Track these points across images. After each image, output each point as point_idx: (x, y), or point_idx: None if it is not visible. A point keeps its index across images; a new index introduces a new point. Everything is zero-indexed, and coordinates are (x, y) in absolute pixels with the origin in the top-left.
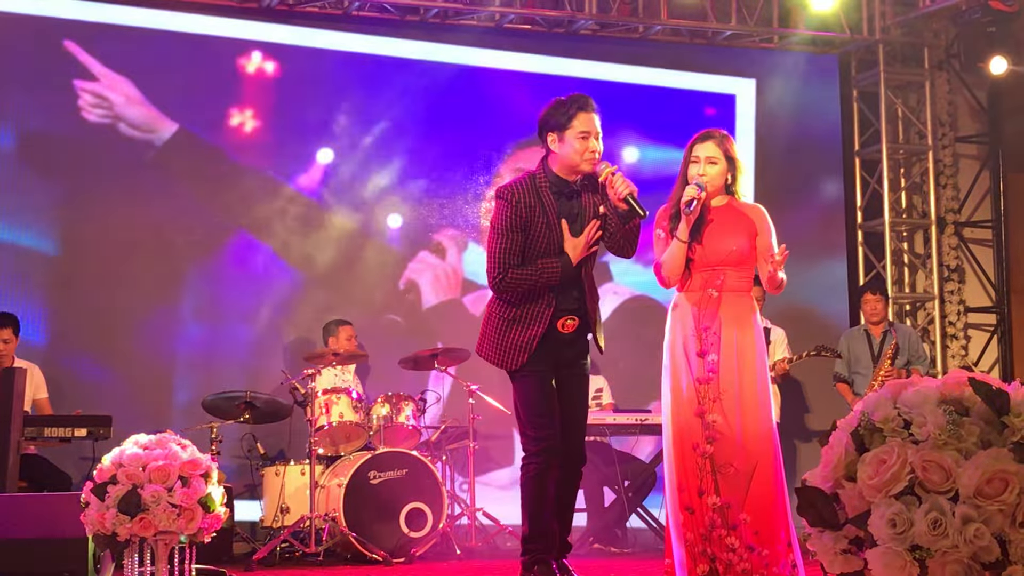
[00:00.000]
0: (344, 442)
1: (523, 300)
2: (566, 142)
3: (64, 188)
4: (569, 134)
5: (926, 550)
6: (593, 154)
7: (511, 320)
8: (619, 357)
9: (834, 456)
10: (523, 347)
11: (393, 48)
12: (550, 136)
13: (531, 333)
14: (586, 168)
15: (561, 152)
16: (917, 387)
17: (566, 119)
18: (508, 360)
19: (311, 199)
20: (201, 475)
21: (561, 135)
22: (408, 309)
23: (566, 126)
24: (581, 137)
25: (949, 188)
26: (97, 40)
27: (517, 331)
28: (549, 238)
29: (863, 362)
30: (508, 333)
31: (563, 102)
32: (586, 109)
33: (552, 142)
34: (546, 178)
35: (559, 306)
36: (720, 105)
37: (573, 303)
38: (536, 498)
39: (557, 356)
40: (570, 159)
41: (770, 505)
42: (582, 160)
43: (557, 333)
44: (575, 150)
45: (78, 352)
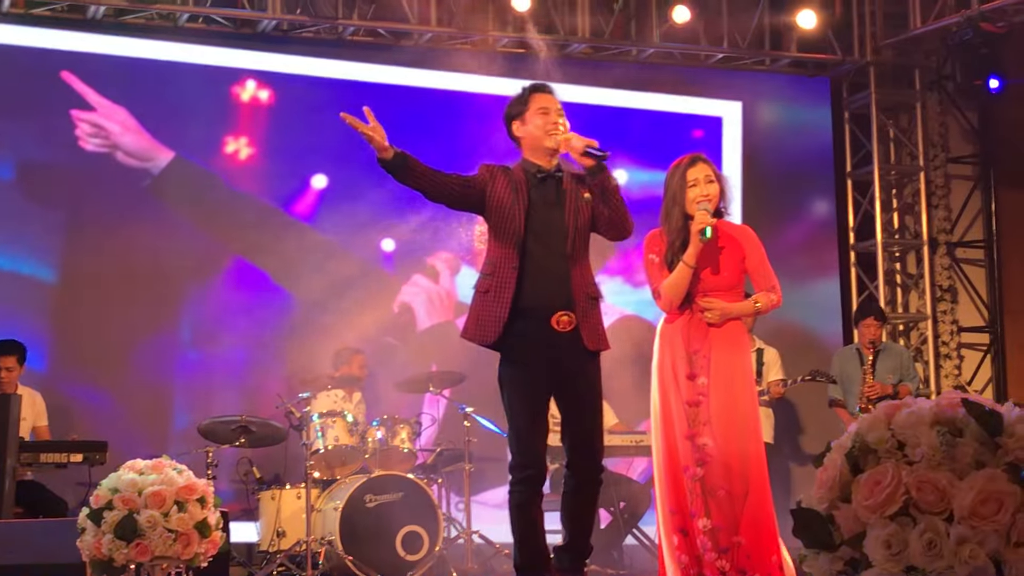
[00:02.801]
0: (340, 466)
1: (492, 269)
2: (528, 122)
3: (62, 216)
4: (529, 114)
5: (921, 571)
6: (555, 126)
7: (485, 291)
8: (610, 376)
9: (829, 478)
10: (497, 318)
11: (385, 75)
12: (514, 124)
13: (503, 299)
14: (551, 144)
15: (526, 134)
16: (911, 408)
17: (523, 103)
18: (484, 332)
19: (306, 224)
20: (197, 500)
21: (522, 118)
22: (402, 332)
23: (525, 107)
24: (541, 113)
25: (941, 208)
26: (93, 70)
27: (490, 301)
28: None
29: (857, 381)
30: (483, 304)
31: (519, 92)
32: (541, 90)
33: (517, 128)
34: (521, 166)
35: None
36: (707, 127)
37: (563, 292)
38: (523, 528)
39: (557, 362)
40: (535, 137)
41: (762, 528)
42: (546, 134)
43: (553, 332)
44: (537, 126)
45: (77, 378)
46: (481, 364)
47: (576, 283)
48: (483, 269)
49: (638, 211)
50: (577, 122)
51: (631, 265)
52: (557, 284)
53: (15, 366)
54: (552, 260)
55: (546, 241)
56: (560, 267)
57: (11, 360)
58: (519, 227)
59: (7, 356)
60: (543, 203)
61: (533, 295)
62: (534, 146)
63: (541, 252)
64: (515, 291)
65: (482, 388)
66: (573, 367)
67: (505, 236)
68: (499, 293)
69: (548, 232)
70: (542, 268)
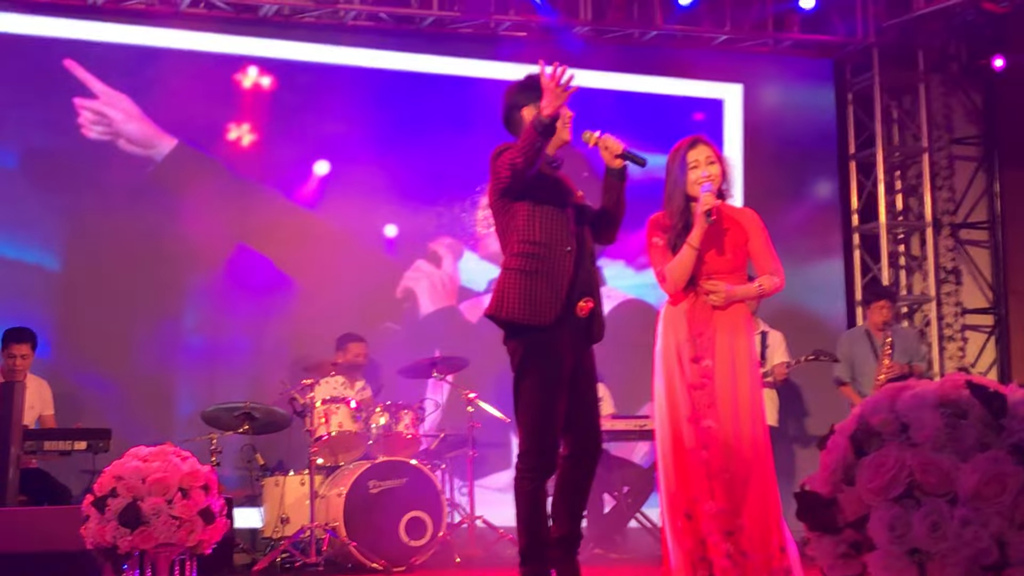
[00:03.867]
0: (343, 452)
1: (543, 251)
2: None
3: (66, 204)
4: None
5: (925, 553)
6: (569, 118)
7: (534, 272)
8: (613, 361)
9: (832, 460)
10: (554, 299)
11: (387, 60)
12: (526, 110)
13: (558, 284)
14: (565, 135)
15: None
16: (914, 390)
17: (536, 92)
18: (540, 313)
19: (308, 210)
20: (201, 487)
21: (537, 105)
22: (405, 317)
23: (539, 97)
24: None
25: (945, 190)
26: (96, 58)
27: (543, 283)
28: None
29: (868, 363)
30: (534, 285)
31: (530, 77)
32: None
33: (529, 115)
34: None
35: (578, 285)
36: (708, 110)
37: (588, 282)
38: (532, 513)
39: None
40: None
41: (765, 510)
42: (563, 127)
43: (575, 318)
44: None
45: (81, 366)
46: (484, 350)
47: (596, 274)
48: (523, 249)
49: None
50: (577, 106)
51: (632, 249)
52: (586, 273)
53: (29, 353)
54: (581, 248)
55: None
56: (587, 256)
57: (25, 348)
58: (570, 211)
59: (21, 344)
60: (565, 192)
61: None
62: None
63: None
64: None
65: (485, 373)
66: (583, 354)
67: (556, 219)
68: (553, 276)
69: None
70: (579, 255)
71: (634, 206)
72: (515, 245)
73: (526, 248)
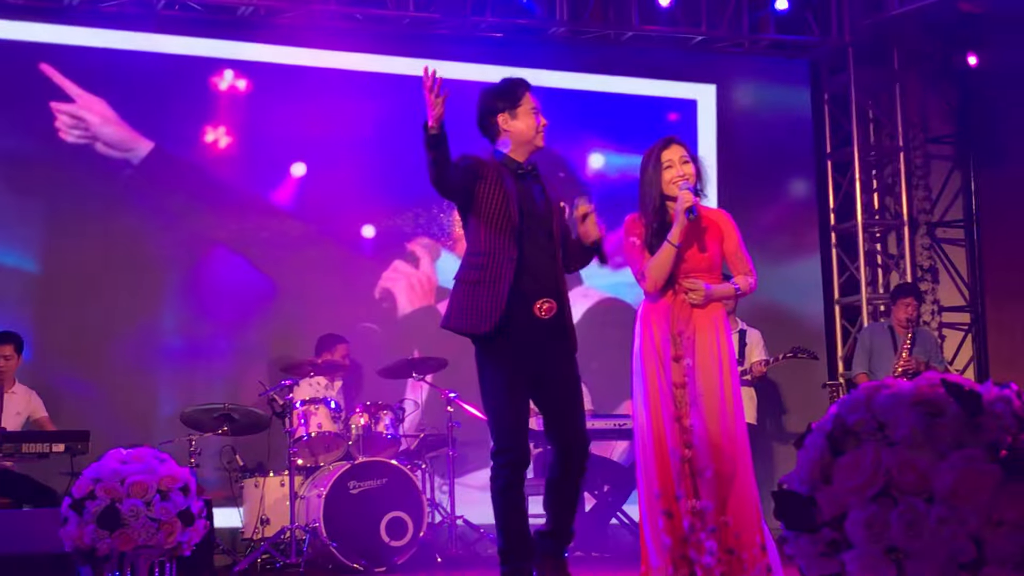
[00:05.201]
0: (323, 452)
1: (485, 260)
2: (519, 118)
3: (44, 208)
4: (521, 110)
5: (903, 551)
6: (543, 128)
7: (476, 282)
8: (590, 359)
9: (810, 459)
10: (493, 308)
11: (363, 63)
12: (501, 117)
13: (499, 290)
14: (539, 142)
15: (514, 129)
16: (891, 389)
17: (515, 97)
18: (479, 322)
19: (286, 212)
20: (180, 489)
21: (513, 112)
22: (383, 318)
23: (517, 103)
24: (533, 112)
25: (921, 189)
26: (72, 62)
27: (484, 292)
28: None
29: (886, 357)
30: (476, 294)
31: (506, 83)
32: (529, 88)
33: (504, 122)
34: (502, 161)
35: (533, 287)
36: (682, 110)
37: (548, 284)
38: (507, 512)
39: (539, 350)
40: (524, 135)
41: (748, 508)
42: (535, 134)
43: (535, 320)
44: (529, 125)
45: (60, 368)
46: (463, 349)
47: (560, 276)
48: (469, 260)
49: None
50: (553, 106)
51: (609, 247)
52: (543, 276)
53: (12, 355)
54: (538, 252)
55: (532, 234)
56: (545, 260)
57: (8, 349)
58: (515, 218)
59: (4, 344)
60: (526, 197)
61: (523, 286)
62: (520, 142)
63: (528, 244)
64: (512, 282)
65: (464, 373)
66: (555, 355)
67: (499, 227)
68: (494, 284)
69: (533, 225)
70: (531, 259)
71: (611, 206)
72: (464, 257)
73: (470, 259)
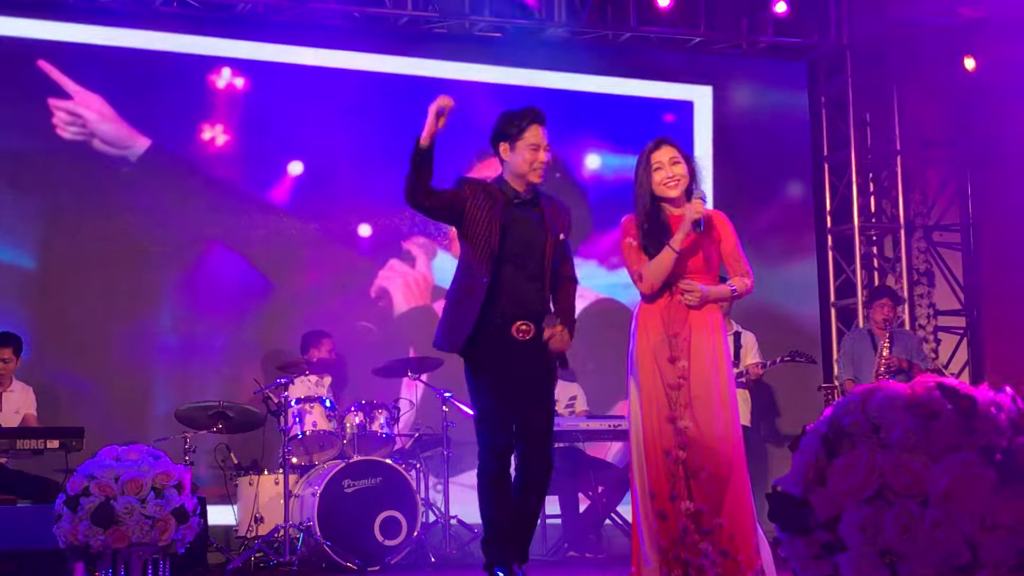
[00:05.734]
0: (318, 451)
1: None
2: (517, 152)
3: (41, 204)
4: (520, 144)
5: (896, 554)
6: (542, 164)
7: (455, 301)
8: (586, 360)
9: (804, 461)
10: (463, 324)
11: (361, 61)
12: (502, 146)
13: (471, 311)
14: (533, 179)
15: (511, 161)
16: (886, 392)
17: (518, 130)
18: (451, 339)
19: (283, 210)
20: (174, 486)
21: (512, 145)
22: (379, 317)
23: (518, 137)
24: (531, 148)
25: (917, 192)
26: (70, 59)
27: (460, 310)
28: (489, 231)
29: (869, 360)
30: (453, 313)
31: (515, 113)
32: (538, 121)
33: (503, 151)
34: (499, 187)
35: (513, 310)
36: (678, 112)
37: (530, 308)
38: (493, 505)
39: (518, 366)
40: (519, 168)
41: (742, 510)
42: (530, 170)
43: (512, 340)
44: (524, 160)
45: (57, 365)
46: None
47: (545, 301)
48: (454, 279)
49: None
50: (550, 106)
51: (605, 249)
52: (526, 300)
53: (11, 357)
54: (523, 279)
55: (521, 261)
56: (530, 285)
57: (7, 352)
58: (494, 246)
59: (3, 347)
60: (520, 225)
61: (503, 307)
62: (516, 174)
63: (512, 270)
64: (483, 303)
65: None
66: (532, 375)
67: (480, 252)
68: (468, 305)
69: (524, 252)
70: (513, 285)
71: (607, 207)
72: (454, 274)
73: (455, 278)
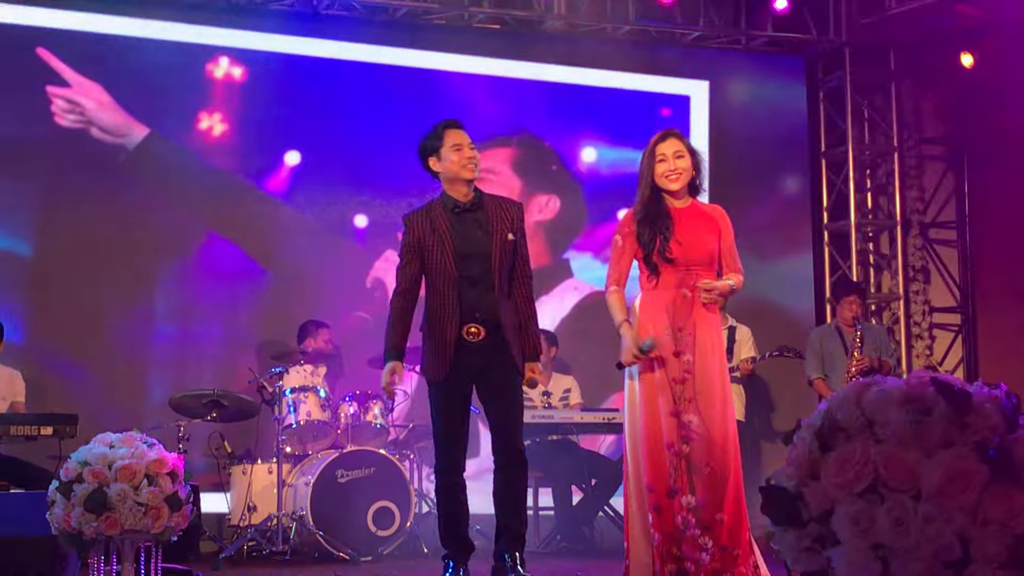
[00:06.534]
0: (312, 441)
1: (434, 312)
2: (444, 158)
3: (38, 191)
4: (444, 151)
5: (888, 548)
6: (471, 160)
7: (427, 334)
8: (579, 352)
9: (798, 455)
10: (440, 357)
11: (359, 53)
12: (431, 161)
13: (445, 340)
14: (467, 175)
15: (444, 168)
16: (881, 387)
17: (438, 140)
18: (431, 370)
19: (279, 200)
20: (168, 474)
21: (438, 154)
22: (375, 307)
23: (439, 145)
24: (455, 149)
25: (914, 189)
26: (69, 47)
27: (432, 342)
28: (442, 255)
29: (838, 358)
30: (427, 345)
31: (433, 128)
32: (452, 126)
33: (434, 165)
34: (441, 202)
35: (464, 314)
36: (675, 106)
37: (481, 313)
38: (444, 509)
39: (473, 364)
40: (451, 171)
41: (740, 505)
42: (462, 168)
43: (465, 341)
44: (453, 162)
45: (52, 351)
46: None
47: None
48: (427, 310)
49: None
50: (547, 99)
51: (599, 241)
52: (477, 307)
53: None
54: (471, 288)
55: (470, 271)
56: (478, 292)
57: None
58: (451, 268)
59: None
60: (464, 235)
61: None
62: (451, 179)
63: (466, 284)
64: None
65: None
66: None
67: (439, 278)
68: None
69: (472, 261)
70: (470, 298)
71: (603, 199)
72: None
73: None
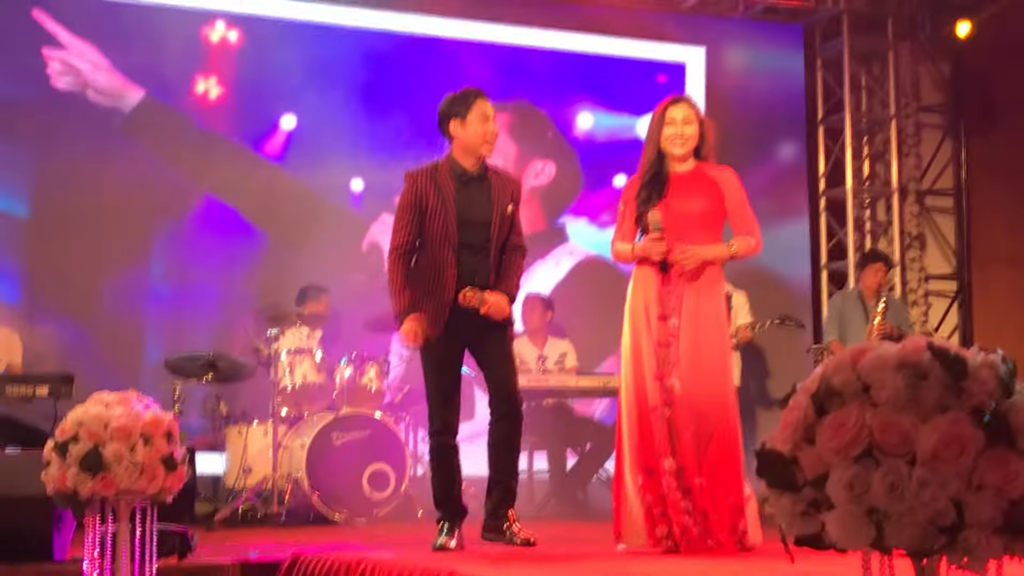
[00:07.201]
0: (307, 403)
1: (429, 271)
2: (468, 126)
3: (34, 153)
4: (472, 117)
5: (883, 512)
6: (494, 136)
7: (424, 291)
8: (575, 316)
9: (793, 419)
10: (437, 318)
11: (354, 16)
12: (452, 123)
13: (442, 301)
14: (486, 152)
15: (464, 136)
16: (877, 351)
17: (466, 106)
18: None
19: (275, 163)
20: (163, 434)
21: (463, 120)
22: (371, 271)
23: (467, 111)
24: (482, 120)
25: (912, 156)
26: (65, 9)
27: (433, 300)
28: (444, 219)
29: (857, 324)
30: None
31: (461, 92)
32: (483, 96)
33: (455, 128)
34: (448, 166)
35: (461, 279)
36: (670, 73)
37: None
38: (438, 472)
39: (465, 327)
40: (472, 141)
41: (726, 470)
42: (483, 142)
43: (459, 305)
44: (477, 132)
45: (49, 312)
46: None
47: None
48: (418, 268)
49: (602, 155)
50: (542, 65)
51: (595, 206)
52: (475, 273)
53: None
54: (472, 256)
55: (471, 239)
56: (478, 260)
57: None
58: (453, 234)
59: None
60: (468, 202)
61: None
62: (467, 148)
63: (467, 251)
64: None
65: None
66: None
67: (439, 241)
68: (439, 294)
69: (473, 229)
70: (465, 263)
71: (598, 166)
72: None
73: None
